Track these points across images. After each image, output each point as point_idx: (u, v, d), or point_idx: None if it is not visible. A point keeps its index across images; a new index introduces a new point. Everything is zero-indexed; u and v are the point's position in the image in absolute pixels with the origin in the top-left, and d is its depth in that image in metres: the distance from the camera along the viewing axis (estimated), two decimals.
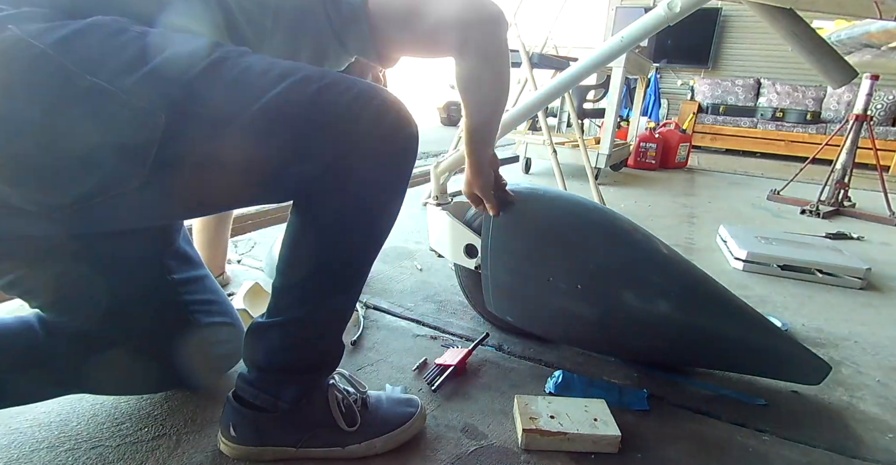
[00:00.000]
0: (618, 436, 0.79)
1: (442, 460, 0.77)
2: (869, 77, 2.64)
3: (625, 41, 1.01)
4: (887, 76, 4.68)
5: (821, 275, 1.65)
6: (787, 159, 5.19)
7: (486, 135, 0.88)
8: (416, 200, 2.40)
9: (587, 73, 1.09)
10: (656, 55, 6.04)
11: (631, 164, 4.01)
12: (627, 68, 2.95)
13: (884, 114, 5.21)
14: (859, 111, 2.73)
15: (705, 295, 0.98)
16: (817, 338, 1.26)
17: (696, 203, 2.85)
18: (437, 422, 0.85)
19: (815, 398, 1.00)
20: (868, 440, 0.89)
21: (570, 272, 0.98)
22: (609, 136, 2.98)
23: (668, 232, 2.19)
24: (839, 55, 1.05)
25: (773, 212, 2.75)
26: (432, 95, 7.46)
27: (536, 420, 0.81)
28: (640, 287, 0.96)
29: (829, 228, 2.35)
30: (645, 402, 0.93)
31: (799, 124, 5.36)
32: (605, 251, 0.98)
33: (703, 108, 5.88)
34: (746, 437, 0.87)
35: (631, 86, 4.84)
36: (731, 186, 3.53)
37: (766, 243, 1.83)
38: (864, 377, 1.09)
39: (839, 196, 2.81)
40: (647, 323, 0.96)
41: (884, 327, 1.35)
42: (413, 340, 1.12)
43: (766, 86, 5.84)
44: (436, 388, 0.94)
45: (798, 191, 3.04)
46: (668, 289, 0.96)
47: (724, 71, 6.23)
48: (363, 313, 1.21)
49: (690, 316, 0.96)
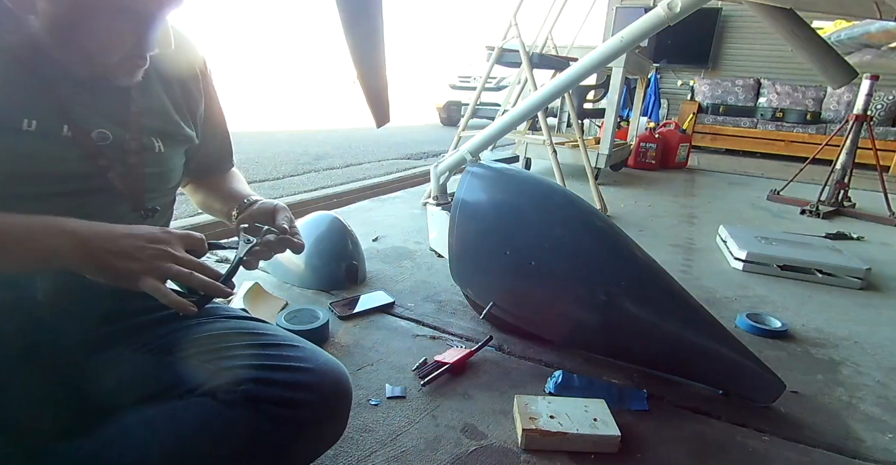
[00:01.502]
0: (618, 436, 0.79)
1: (442, 459, 0.77)
2: (869, 77, 2.64)
3: (625, 41, 1.01)
4: (887, 76, 4.67)
5: (820, 275, 1.65)
6: (787, 160, 5.19)
7: None
8: (416, 201, 2.40)
9: (587, 73, 1.09)
10: (656, 55, 6.03)
11: (631, 164, 4.01)
12: (627, 68, 2.95)
13: (884, 114, 5.20)
14: (859, 111, 2.73)
15: (659, 291, 0.98)
16: (817, 338, 1.26)
17: (696, 203, 2.85)
18: (437, 422, 0.85)
19: (814, 398, 1.00)
20: (868, 440, 0.89)
21: (528, 248, 0.98)
22: (609, 136, 2.98)
23: (668, 232, 2.19)
24: (839, 55, 1.05)
25: (772, 212, 2.75)
26: (432, 94, 7.47)
27: (536, 420, 0.81)
28: (592, 273, 0.96)
29: (828, 229, 2.35)
30: (644, 402, 0.93)
31: (799, 124, 5.36)
32: (560, 232, 0.98)
33: (703, 108, 5.88)
34: (746, 437, 0.87)
35: (631, 86, 4.84)
36: (730, 187, 3.53)
37: (766, 243, 1.83)
38: (863, 377, 1.09)
39: (839, 196, 2.81)
40: (595, 310, 0.95)
41: (883, 327, 1.35)
42: (413, 340, 1.12)
43: (766, 86, 5.84)
44: (425, 383, 0.94)
45: (798, 191, 3.04)
46: (620, 280, 0.95)
47: (724, 71, 6.23)
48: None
49: (642, 310, 0.95)
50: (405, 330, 1.17)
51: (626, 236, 1.03)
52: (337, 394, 0.65)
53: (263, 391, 0.60)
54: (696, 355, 0.96)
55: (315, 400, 0.62)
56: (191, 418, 0.58)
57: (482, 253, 1.04)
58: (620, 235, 1.02)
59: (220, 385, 0.60)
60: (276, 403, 0.59)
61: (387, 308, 1.25)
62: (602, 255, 0.97)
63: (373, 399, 0.89)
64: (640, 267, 0.98)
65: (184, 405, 0.59)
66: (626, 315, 0.95)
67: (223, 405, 0.58)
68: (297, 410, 0.60)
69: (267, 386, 0.60)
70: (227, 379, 0.61)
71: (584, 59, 1.06)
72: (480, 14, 26.36)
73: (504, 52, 2.41)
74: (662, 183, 3.44)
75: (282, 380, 0.61)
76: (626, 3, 6.33)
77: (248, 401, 0.59)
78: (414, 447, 0.79)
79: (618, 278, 0.95)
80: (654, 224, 2.31)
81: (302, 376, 0.63)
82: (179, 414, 0.58)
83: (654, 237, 2.10)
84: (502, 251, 1.00)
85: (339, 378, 0.66)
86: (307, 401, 0.61)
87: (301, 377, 0.62)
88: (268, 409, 0.59)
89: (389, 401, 0.90)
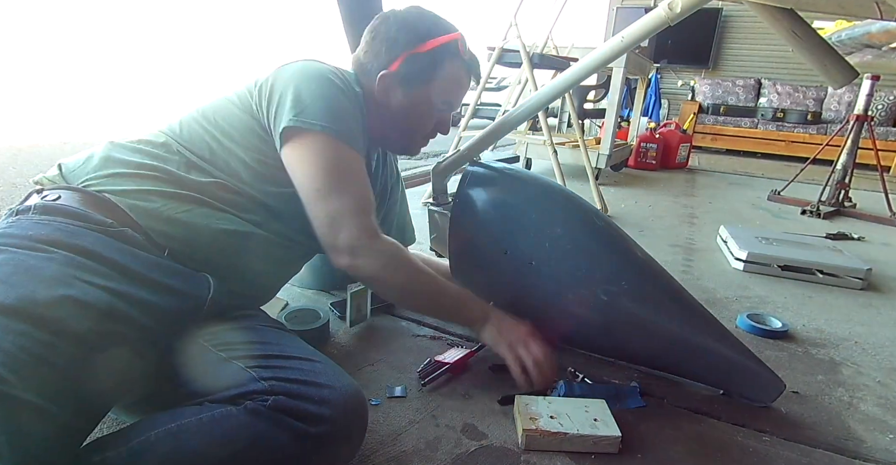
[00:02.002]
0: (618, 436, 0.79)
1: (442, 459, 0.77)
2: (870, 77, 2.64)
3: (625, 41, 1.00)
4: (888, 77, 4.67)
5: (821, 275, 1.65)
6: (788, 160, 5.18)
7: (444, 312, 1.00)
8: (417, 201, 2.40)
9: (588, 73, 1.09)
10: (657, 55, 6.03)
11: (631, 164, 4.01)
12: (628, 68, 2.94)
13: (884, 114, 5.20)
14: (860, 112, 2.73)
15: (659, 291, 0.97)
16: (817, 338, 1.26)
17: (697, 203, 2.85)
18: (437, 422, 0.85)
19: (815, 398, 1.00)
20: (868, 441, 0.88)
21: (528, 248, 0.98)
22: (609, 136, 2.98)
23: (668, 232, 2.19)
24: (840, 55, 1.05)
25: (773, 212, 2.75)
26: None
27: (537, 420, 0.81)
28: (592, 272, 0.95)
29: (829, 229, 2.35)
30: (639, 398, 0.93)
31: (799, 125, 5.35)
32: (560, 231, 0.98)
33: (704, 108, 5.87)
34: (747, 437, 0.87)
35: (631, 86, 4.84)
36: (731, 187, 3.53)
37: (767, 243, 1.83)
38: (864, 378, 1.09)
39: (840, 197, 2.81)
40: (595, 309, 0.95)
41: (884, 327, 1.35)
42: (413, 340, 1.12)
43: (766, 86, 5.84)
44: (425, 383, 0.94)
45: (798, 191, 3.04)
46: (621, 279, 0.94)
47: (725, 71, 6.22)
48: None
49: (643, 310, 0.94)
50: (405, 330, 1.16)
51: (626, 235, 1.03)
52: (357, 413, 0.67)
53: (292, 404, 0.61)
54: (697, 355, 0.95)
55: (336, 418, 0.63)
56: (218, 431, 0.58)
57: (482, 253, 1.04)
58: (620, 234, 1.02)
59: (254, 391, 0.62)
60: (302, 418, 0.60)
61: (387, 308, 1.25)
62: (602, 254, 0.97)
63: (373, 399, 0.89)
64: (640, 266, 0.98)
65: (210, 417, 0.59)
66: (626, 315, 0.95)
67: (250, 417, 0.59)
68: (321, 426, 0.61)
69: (296, 400, 0.62)
70: (262, 388, 0.62)
71: (585, 60, 1.06)
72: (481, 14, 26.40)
73: (504, 52, 2.41)
74: (663, 183, 3.44)
75: (310, 395, 0.63)
76: (627, 4, 6.33)
77: (276, 412, 0.60)
78: (414, 447, 0.79)
79: (618, 278, 0.95)
80: (654, 224, 2.31)
81: (328, 393, 0.64)
82: (206, 427, 0.58)
83: (655, 237, 2.09)
84: (502, 251, 1.00)
85: (358, 398, 0.68)
86: (330, 417, 0.62)
87: (327, 395, 0.64)
88: (292, 423, 0.60)
89: (390, 401, 0.90)
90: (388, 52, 0.90)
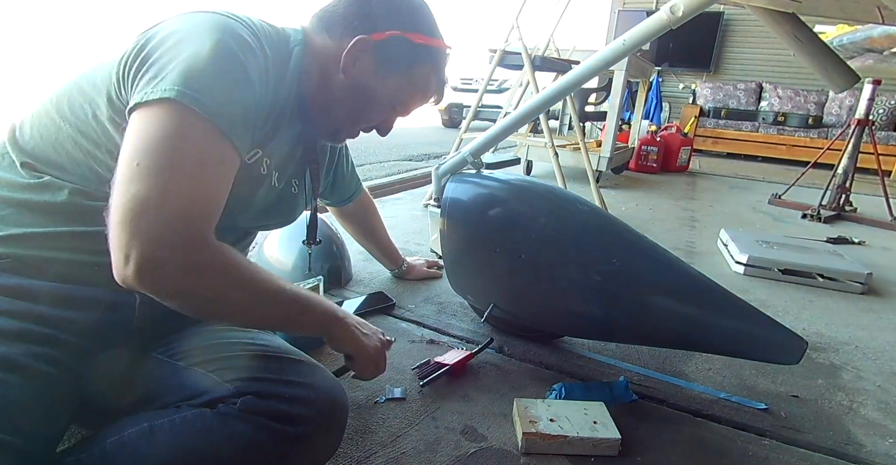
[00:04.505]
0: (618, 439, 0.79)
1: (441, 461, 0.77)
2: (871, 82, 2.64)
3: (627, 45, 1.01)
4: (889, 81, 4.67)
5: (822, 279, 1.65)
6: (789, 164, 5.18)
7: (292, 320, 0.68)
8: (418, 202, 2.40)
9: (589, 76, 1.09)
10: (658, 59, 6.03)
11: (632, 167, 4.01)
12: (629, 72, 2.95)
13: (885, 119, 5.20)
14: (861, 116, 2.73)
15: (653, 263, 0.94)
16: (818, 342, 1.26)
17: (698, 207, 2.85)
18: (437, 424, 0.85)
19: (815, 402, 1.00)
20: (868, 445, 0.88)
21: (515, 242, 0.99)
22: (610, 139, 2.98)
23: (669, 235, 2.19)
24: (841, 60, 1.05)
25: (774, 216, 2.75)
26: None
27: (536, 423, 0.81)
28: (582, 255, 0.95)
29: (830, 233, 2.35)
30: (629, 392, 0.94)
31: (800, 129, 5.35)
32: (544, 221, 0.98)
33: (705, 111, 5.87)
34: (746, 441, 0.87)
35: (633, 89, 4.85)
36: (732, 190, 3.53)
37: (768, 247, 1.83)
38: (864, 382, 1.09)
39: (840, 201, 2.80)
40: (592, 292, 0.94)
41: (884, 331, 1.35)
42: (412, 342, 1.12)
43: (767, 90, 5.84)
44: (424, 384, 0.94)
45: (799, 195, 3.04)
46: (612, 258, 0.93)
47: (726, 75, 6.23)
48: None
49: (640, 285, 0.91)
50: (405, 331, 1.16)
51: (611, 216, 1.02)
52: (334, 410, 0.66)
53: (263, 404, 0.60)
54: (707, 325, 0.89)
55: (313, 415, 0.62)
56: (190, 432, 0.58)
57: (474, 257, 1.05)
58: (605, 215, 1.01)
59: (220, 396, 0.61)
60: (275, 417, 0.60)
61: (387, 309, 1.25)
62: (589, 236, 0.96)
63: (373, 400, 0.89)
64: (629, 243, 0.96)
65: (182, 417, 0.59)
66: (625, 292, 0.93)
67: (222, 418, 0.58)
68: (296, 425, 0.60)
69: (266, 399, 0.61)
70: (228, 391, 0.61)
71: (587, 63, 1.06)
72: (483, 17, 26.43)
73: (506, 54, 2.41)
74: (664, 186, 3.44)
75: (281, 394, 0.62)
76: (629, 7, 6.34)
77: (246, 413, 0.59)
78: (413, 449, 0.79)
79: (609, 257, 0.93)
80: (655, 227, 2.31)
81: (301, 390, 0.63)
82: (178, 428, 0.58)
83: (655, 240, 2.08)
84: (492, 250, 1.00)
85: (336, 395, 0.67)
86: (305, 416, 0.61)
87: (300, 392, 0.63)
88: (265, 423, 0.59)
89: (389, 402, 0.90)
90: (384, 18, 0.74)
